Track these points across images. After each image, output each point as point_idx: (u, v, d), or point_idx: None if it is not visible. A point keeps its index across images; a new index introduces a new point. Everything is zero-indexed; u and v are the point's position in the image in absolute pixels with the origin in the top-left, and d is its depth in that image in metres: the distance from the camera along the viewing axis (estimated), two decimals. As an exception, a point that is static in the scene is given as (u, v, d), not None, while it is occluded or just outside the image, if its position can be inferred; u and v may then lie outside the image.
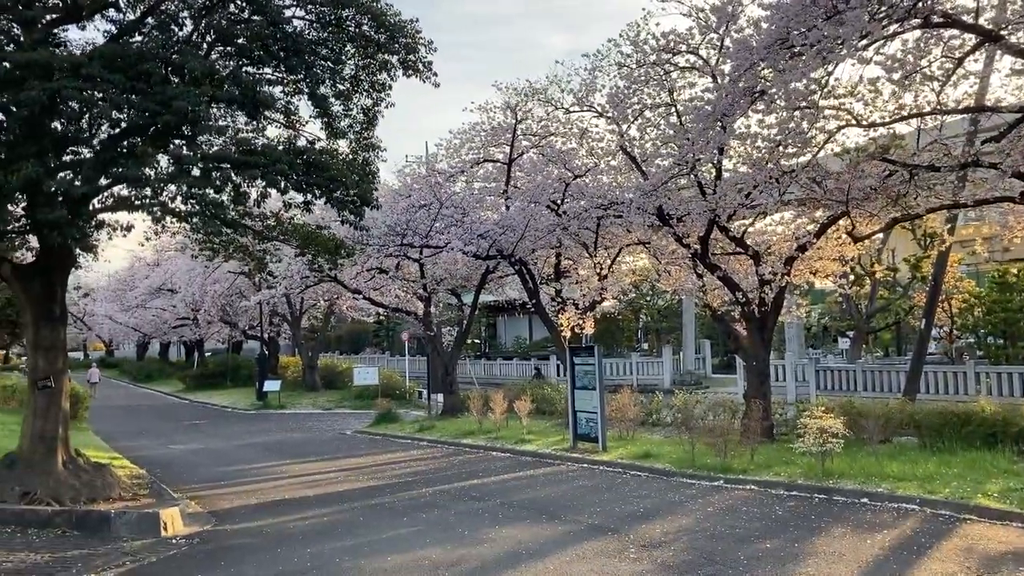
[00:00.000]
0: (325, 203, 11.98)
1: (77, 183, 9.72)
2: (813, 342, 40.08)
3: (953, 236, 20.28)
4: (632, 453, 17.17)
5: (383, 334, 59.65)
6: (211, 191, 10.28)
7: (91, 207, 11.01)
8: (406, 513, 12.17)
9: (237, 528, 11.35)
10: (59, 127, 10.20)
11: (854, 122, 15.20)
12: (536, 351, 45.41)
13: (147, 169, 9.60)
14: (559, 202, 22.19)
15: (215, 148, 10.67)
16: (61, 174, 9.71)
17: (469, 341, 54.94)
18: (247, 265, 15.76)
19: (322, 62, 12.37)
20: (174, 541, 10.45)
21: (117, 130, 10.28)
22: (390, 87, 13.06)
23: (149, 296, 52.02)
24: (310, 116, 12.54)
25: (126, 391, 53.93)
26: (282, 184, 10.88)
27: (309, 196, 11.81)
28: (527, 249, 24.19)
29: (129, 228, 11.31)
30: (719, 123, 14.82)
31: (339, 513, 12.38)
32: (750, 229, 19.84)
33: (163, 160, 10.43)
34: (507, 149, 23.85)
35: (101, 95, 9.35)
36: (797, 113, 14.78)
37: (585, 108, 20.22)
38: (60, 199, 9.72)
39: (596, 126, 20.97)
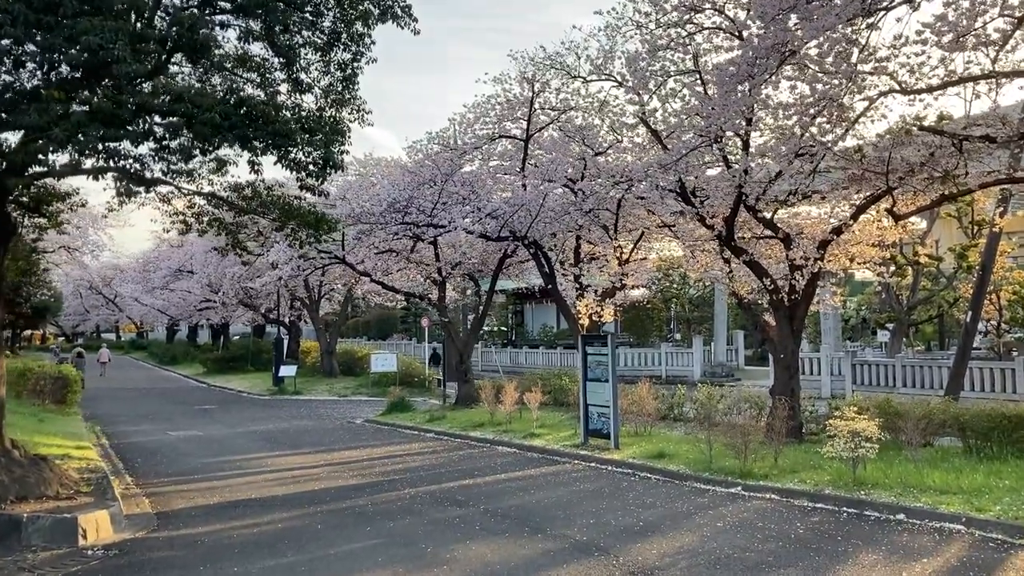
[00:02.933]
0: (276, 163, 10.62)
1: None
2: (851, 334, 38.16)
3: (1004, 219, 18.48)
4: (646, 452, 15.71)
5: (410, 320, 58.61)
6: (128, 143, 8.95)
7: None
8: (372, 521, 10.79)
9: (173, 535, 10.05)
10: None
11: (897, 88, 13.54)
12: (563, 339, 43.98)
13: (59, 123, 8.22)
14: (576, 180, 20.66)
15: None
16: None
17: (495, 329, 53.76)
18: (226, 242, 14.44)
19: (296, 12, 11.02)
20: (89, 552, 9.16)
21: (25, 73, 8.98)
22: (371, 40, 11.64)
23: (171, 277, 51.38)
24: (276, 67, 11.15)
25: (148, 373, 53.50)
26: (216, 139, 9.53)
27: (251, 155, 10.44)
28: (544, 231, 22.71)
29: (29, 180, 9.81)
30: (744, 85, 13.23)
31: (298, 518, 11.04)
32: (781, 212, 18.18)
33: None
34: (524, 124, 22.33)
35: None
36: (834, 80, 13.20)
37: (603, 76, 18.61)
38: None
39: (616, 97, 19.39)
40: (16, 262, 25.68)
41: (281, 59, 10.96)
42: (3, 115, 8.46)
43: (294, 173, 10.83)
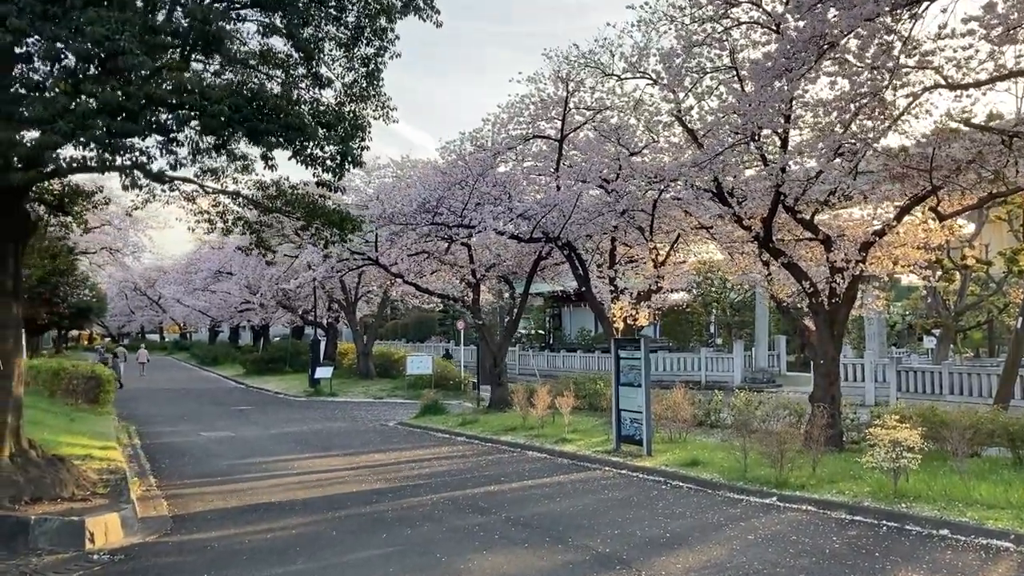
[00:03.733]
0: (290, 158, 10.37)
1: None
2: (896, 340, 37.21)
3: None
4: (679, 459, 15.23)
5: (448, 323, 58.52)
6: (136, 139, 8.73)
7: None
8: (390, 527, 10.48)
9: (184, 540, 9.83)
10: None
11: (943, 83, 12.96)
12: (600, 343, 43.50)
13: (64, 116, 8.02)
14: (611, 181, 20.23)
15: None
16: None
17: (533, 332, 53.39)
18: (250, 241, 14.27)
19: (320, 7, 10.82)
20: (94, 557, 8.95)
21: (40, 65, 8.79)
22: (394, 34, 11.38)
23: (211, 279, 51.76)
24: (297, 62, 10.90)
25: (189, 374, 53.95)
26: (224, 133, 9.30)
27: (263, 148, 10.19)
28: (578, 233, 22.31)
29: (36, 176, 9.34)
30: (781, 80, 12.74)
31: (315, 524, 10.77)
32: (822, 215, 17.56)
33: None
34: (558, 124, 21.96)
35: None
36: (876, 74, 12.66)
37: (638, 74, 18.17)
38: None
39: (651, 95, 18.93)
40: (52, 260, 25.85)
41: (301, 53, 10.72)
42: (10, 109, 8.29)
43: (309, 168, 10.59)
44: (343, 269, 29.08)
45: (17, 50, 8.87)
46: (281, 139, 9.71)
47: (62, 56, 8.64)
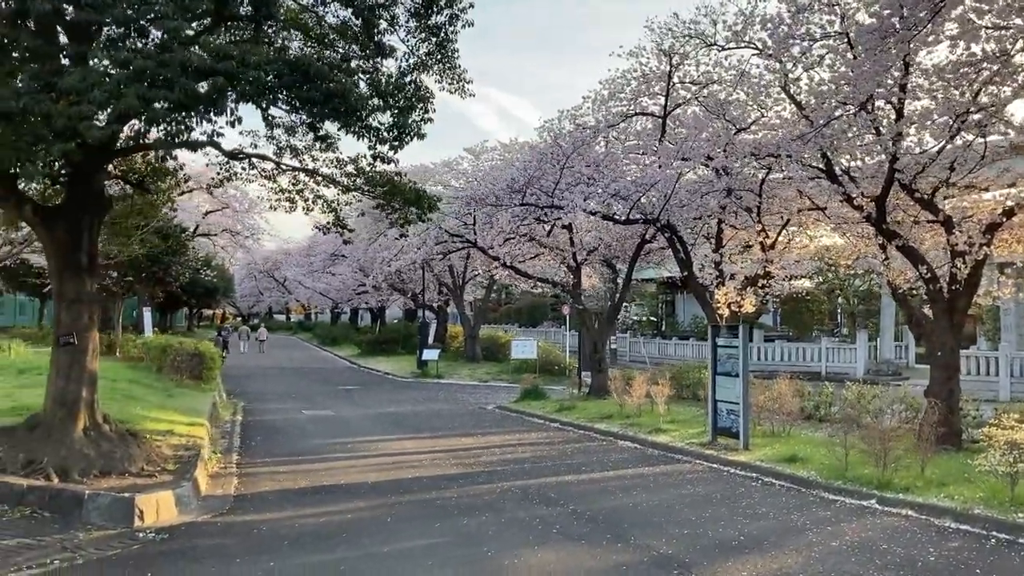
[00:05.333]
0: (339, 129, 9.96)
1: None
2: (1040, 332, 34.43)
3: None
4: (776, 454, 14.25)
5: (559, 308, 57.99)
6: (176, 109, 8.40)
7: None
8: (449, 516, 10.01)
9: (235, 521, 9.60)
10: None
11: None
12: (716, 331, 42.11)
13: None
14: (713, 158, 19.16)
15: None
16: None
17: (646, 319, 52.22)
18: (328, 220, 14.09)
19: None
20: (139, 535, 8.79)
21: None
22: (468, 2, 10.88)
23: (328, 261, 52.81)
24: (352, 28, 10.49)
25: (308, 353, 55.31)
26: (264, 101, 8.94)
27: (308, 118, 9.80)
28: (680, 214, 21.29)
29: (62, 149, 9.05)
30: (890, 43, 11.59)
31: (373, 509, 10.40)
32: (952, 200, 16.07)
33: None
34: (662, 100, 20.97)
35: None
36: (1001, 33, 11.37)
37: (742, 44, 17.08)
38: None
39: (756, 66, 17.77)
40: (164, 241, 26.63)
41: (359, 20, 10.31)
42: (54, 80, 8.17)
43: (362, 140, 10.16)
44: (444, 251, 28.94)
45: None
46: (326, 108, 9.30)
47: (103, 24, 8.49)
